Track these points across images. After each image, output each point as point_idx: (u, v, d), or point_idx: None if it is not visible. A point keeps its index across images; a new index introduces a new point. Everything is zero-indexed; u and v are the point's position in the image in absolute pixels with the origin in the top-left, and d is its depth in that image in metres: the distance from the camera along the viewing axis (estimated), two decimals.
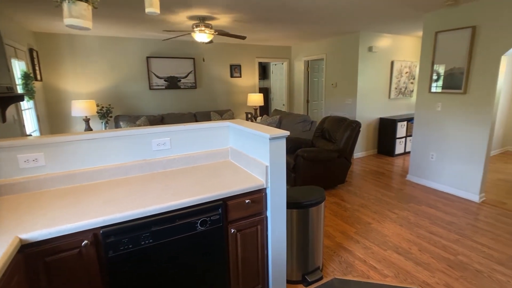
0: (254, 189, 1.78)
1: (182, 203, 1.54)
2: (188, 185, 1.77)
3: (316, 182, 3.83)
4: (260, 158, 1.87)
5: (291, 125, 4.80)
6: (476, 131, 3.53)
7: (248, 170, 2.01)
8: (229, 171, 2.03)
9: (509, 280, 2.27)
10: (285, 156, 1.83)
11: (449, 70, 3.68)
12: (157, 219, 1.49)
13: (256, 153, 1.92)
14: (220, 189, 1.69)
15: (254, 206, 1.81)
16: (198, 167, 2.12)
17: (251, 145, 1.97)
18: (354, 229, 3.04)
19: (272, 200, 1.84)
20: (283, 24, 4.32)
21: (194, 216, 1.60)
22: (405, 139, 5.70)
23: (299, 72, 6.82)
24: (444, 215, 3.30)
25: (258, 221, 1.86)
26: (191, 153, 2.17)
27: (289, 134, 1.79)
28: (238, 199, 1.74)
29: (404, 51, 5.84)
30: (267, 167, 1.78)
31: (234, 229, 1.76)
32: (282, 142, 1.79)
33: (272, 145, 1.75)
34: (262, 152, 1.83)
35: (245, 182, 1.80)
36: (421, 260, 2.52)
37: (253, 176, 1.90)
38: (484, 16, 3.32)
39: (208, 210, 1.65)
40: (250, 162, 1.96)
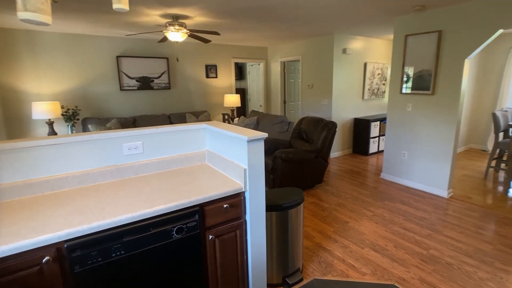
0: (232, 193, 1.73)
1: (156, 210, 1.46)
2: (162, 191, 1.68)
3: (295, 183, 3.84)
4: (238, 161, 1.82)
5: (269, 126, 4.79)
6: (444, 130, 3.70)
7: (225, 173, 1.95)
8: (206, 175, 1.96)
9: (475, 270, 2.39)
10: (263, 158, 1.80)
11: (418, 72, 3.83)
12: (129, 228, 1.39)
13: (233, 155, 1.87)
14: (196, 194, 1.62)
15: (233, 210, 1.76)
16: (173, 172, 2.03)
17: (229, 148, 1.91)
18: (333, 228, 3.07)
19: (251, 204, 1.79)
20: (259, 24, 4.30)
21: (169, 224, 1.53)
22: (378, 138, 5.88)
23: (276, 73, 6.85)
24: (416, 211, 3.42)
25: (237, 226, 1.81)
26: (166, 157, 2.07)
27: (267, 136, 1.75)
28: (215, 204, 1.68)
29: (376, 54, 6.03)
30: (245, 170, 1.73)
31: (212, 236, 1.70)
32: (260, 144, 1.75)
33: (250, 148, 1.71)
34: (240, 154, 1.79)
35: (222, 186, 1.74)
36: (396, 256, 2.59)
37: (231, 180, 1.85)
38: (449, 21, 3.49)
39: (184, 217, 1.57)
40: (227, 165, 1.91)
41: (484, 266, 2.43)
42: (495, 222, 3.15)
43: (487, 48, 5.91)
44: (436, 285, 2.24)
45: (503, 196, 3.82)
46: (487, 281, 2.27)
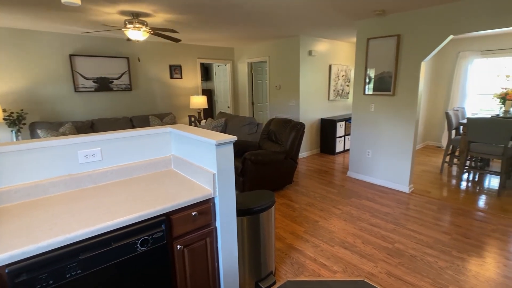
0: (201, 199, 1.65)
1: (117, 223, 1.34)
2: (124, 201, 1.56)
3: (265, 185, 3.82)
4: (206, 165, 1.75)
5: (237, 127, 4.73)
6: (404, 128, 3.90)
7: (193, 179, 1.87)
8: (173, 181, 1.86)
9: (436, 260, 2.52)
10: (233, 162, 1.74)
11: (379, 74, 4.01)
12: (87, 245, 1.26)
13: (201, 160, 1.79)
14: (162, 203, 1.52)
15: (202, 218, 1.68)
16: (136, 179, 1.90)
17: (196, 152, 1.83)
18: (303, 228, 3.09)
19: (221, 210, 1.73)
20: (224, 24, 4.23)
21: (133, 236, 1.41)
22: (344, 138, 6.08)
23: (243, 74, 6.81)
24: (381, 207, 3.56)
25: (207, 234, 1.73)
26: (128, 163, 1.94)
27: (236, 139, 1.70)
28: (183, 212, 1.60)
29: (340, 56, 6.23)
30: (214, 175, 1.67)
31: (180, 245, 1.61)
32: (229, 147, 1.69)
33: (219, 152, 1.65)
34: (208, 159, 1.71)
35: (190, 193, 1.66)
36: (365, 252, 2.66)
37: (200, 186, 1.77)
38: (406, 26, 3.68)
39: (150, 228, 1.47)
40: (195, 171, 1.82)
41: (443, 256, 2.58)
42: (450, 213, 3.37)
43: (439, 52, 6.36)
44: (402, 277, 2.33)
45: (456, 189, 4.11)
46: (446, 269, 2.41)
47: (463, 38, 5.89)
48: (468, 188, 4.11)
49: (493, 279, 2.29)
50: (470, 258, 2.54)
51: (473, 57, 5.79)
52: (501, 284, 2.23)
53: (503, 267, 2.43)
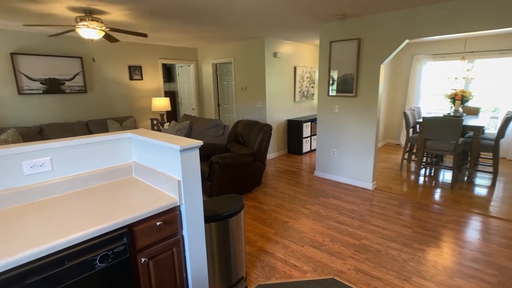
0: (166, 208, 1.56)
1: (71, 239, 1.21)
2: (79, 214, 1.42)
3: (233, 188, 3.76)
4: (170, 172, 1.66)
5: (203, 130, 4.62)
6: (366, 128, 4.06)
7: (157, 187, 1.76)
8: (134, 190, 1.74)
9: (399, 253, 2.64)
10: (199, 168, 1.67)
11: (342, 76, 4.14)
12: (34, 267, 1.13)
13: (165, 167, 1.69)
14: (123, 214, 1.41)
15: (168, 227, 1.59)
16: (94, 190, 1.75)
17: (159, 159, 1.73)
18: (273, 230, 3.08)
19: (188, 218, 1.65)
20: (186, 24, 4.11)
21: (90, 253, 1.29)
22: (310, 138, 6.20)
23: (208, 75, 6.69)
24: (348, 204, 3.67)
25: (173, 243, 1.64)
26: (83, 173, 1.78)
27: (202, 144, 1.63)
28: (147, 223, 1.49)
29: (305, 58, 6.35)
30: (179, 182, 1.58)
31: (144, 258, 1.51)
32: (195, 153, 1.61)
33: (184, 158, 1.57)
34: (173, 165, 1.62)
35: (154, 202, 1.56)
36: (333, 250, 2.71)
37: (164, 194, 1.67)
38: (366, 30, 3.84)
39: (110, 242, 1.35)
40: (159, 178, 1.72)
41: (405, 249, 2.71)
42: (411, 207, 3.56)
43: (396, 55, 6.74)
44: (369, 272, 2.40)
45: (415, 183, 4.37)
46: (409, 261, 2.53)
47: (417, 42, 6.30)
48: (425, 183, 4.39)
49: (450, 267, 2.44)
50: (429, 249, 2.69)
51: (426, 60, 6.23)
52: (457, 271, 2.39)
53: (458, 255, 2.60)
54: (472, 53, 5.65)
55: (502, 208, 3.48)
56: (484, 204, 3.59)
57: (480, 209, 3.47)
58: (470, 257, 2.57)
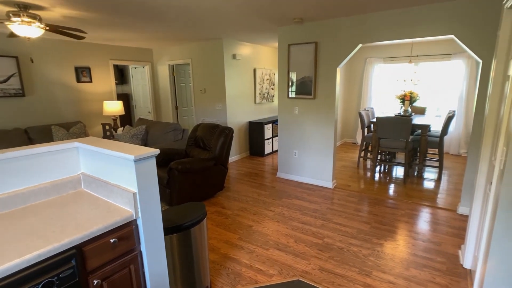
0: (121, 223, 1.43)
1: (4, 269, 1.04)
2: (15, 238, 1.23)
3: (195, 194, 3.63)
4: (125, 184, 1.52)
5: (161, 135, 4.40)
6: (325, 129, 4.18)
7: (110, 200, 1.61)
8: (84, 205, 1.57)
9: (360, 249, 2.74)
10: (156, 178, 1.55)
11: (301, 78, 4.22)
12: None
13: (119, 178, 1.55)
14: (70, 234, 1.25)
15: (123, 243, 1.45)
16: (34, 207, 1.55)
17: (112, 169, 1.58)
18: (237, 235, 3.02)
19: (145, 231, 1.53)
20: (139, 24, 3.88)
21: (30, 282, 1.13)
22: (272, 139, 6.25)
23: (164, 77, 6.42)
24: (310, 204, 3.74)
25: (130, 260, 1.51)
26: (20, 189, 1.56)
27: (158, 152, 1.51)
28: (99, 241, 1.35)
29: (264, 60, 6.39)
30: (135, 194, 1.46)
31: (97, 280, 1.36)
32: (151, 162, 1.50)
33: (139, 168, 1.44)
34: (127, 176, 1.49)
35: (107, 217, 1.42)
36: (298, 251, 2.72)
37: (118, 207, 1.53)
38: (323, 34, 3.95)
39: (54, 267, 1.20)
40: (112, 191, 1.57)
41: (365, 244, 2.82)
42: (368, 203, 3.73)
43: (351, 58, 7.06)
44: (333, 270, 2.45)
45: (371, 180, 4.60)
46: (369, 256, 2.63)
47: (369, 46, 6.68)
48: (381, 179, 4.64)
49: (406, 258, 2.59)
50: (387, 243, 2.83)
51: (377, 63, 6.63)
52: (412, 262, 2.54)
53: (412, 246, 2.77)
54: (417, 56, 6.14)
55: (447, 200, 3.79)
56: (432, 197, 3.89)
57: (429, 201, 3.75)
58: (423, 248, 2.74)
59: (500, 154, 1.66)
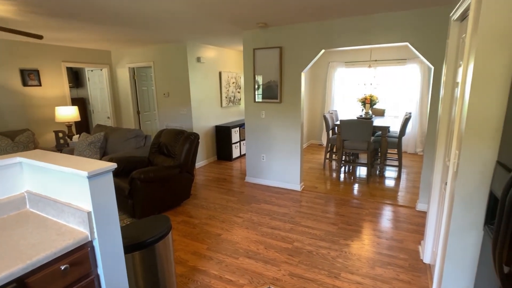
0: (73, 247, 1.29)
1: None
2: None
3: (159, 204, 3.46)
4: (78, 202, 1.38)
5: (121, 142, 4.15)
6: (292, 132, 4.22)
7: (61, 221, 1.45)
8: (29, 228, 1.39)
9: (328, 251, 2.78)
10: (114, 194, 1.42)
11: (267, 82, 4.22)
12: None
13: (71, 196, 1.40)
14: (10, 265, 1.09)
15: (77, 269, 1.31)
16: None
17: (63, 186, 1.42)
18: (206, 245, 2.92)
19: (103, 253, 1.39)
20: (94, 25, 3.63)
21: None
22: (240, 143, 6.19)
23: (124, 80, 6.09)
24: (279, 208, 3.73)
25: (85, 287, 1.36)
26: None
27: (116, 167, 1.39)
28: (47, 269, 1.20)
29: (230, 63, 6.32)
30: (89, 213, 1.32)
31: None
32: (107, 177, 1.37)
33: (94, 184, 1.31)
34: (80, 194, 1.35)
35: (57, 241, 1.27)
36: (268, 258, 2.69)
37: (71, 229, 1.38)
38: (287, 39, 3.99)
39: None
40: (63, 210, 1.42)
41: (334, 246, 2.87)
42: (335, 204, 3.82)
43: (315, 62, 7.25)
44: (303, 275, 2.45)
45: (337, 181, 4.72)
46: (337, 258, 2.68)
47: (332, 50, 6.89)
48: (346, 179, 4.79)
49: (371, 258, 2.67)
50: (353, 243, 2.90)
51: (339, 67, 6.86)
52: (377, 260, 2.62)
53: (377, 245, 2.87)
54: (376, 61, 6.45)
55: (406, 197, 4.00)
56: (393, 195, 4.08)
57: (390, 199, 3.93)
58: (387, 246, 2.85)
59: (453, 157, 1.76)
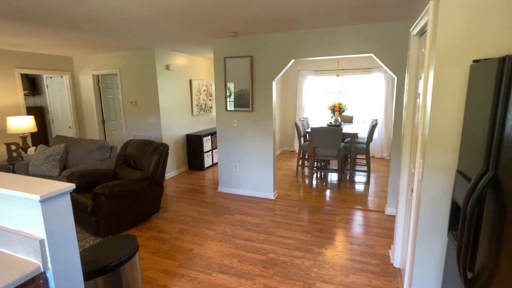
0: (22, 280, 1.15)
1: None
2: None
3: (126, 220, 3.27)
4: (28, 229, 1.24)
5: (84, 154, 3.90)
6: (264, 140, 4.21)
7: (8, 250, 1.30)
8: None
9: (303, 261, 2.77)
10: (72, 217, 1.30)
11: (238, 91, 4.19)
12: None
13: (20, 222, 1.26)
14: None
15: None
16: None
17: (10, 212, 1.28)
18: (177, 262, 2.79)
19: (58, 284, 1.26)
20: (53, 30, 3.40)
21: None
22: (212, 152, 6.08)
23: (88, 88, 5.77)
24: (253, 218, 3.68)
25: None
26: None
27: (74, 188, 1.27)
28: None
29: (200, 71, 6.22)
30: (42, 241, 1.19)
31: None
32: (64, 200, 1.25)
33: (48, 209, 1.19)
34: (32, 220, 1.22)
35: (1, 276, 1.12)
36: (242, 271, 2.62)
37: (19, 259, 1.24)
38: (258, 49, 4.00)
39: None
40: (10, 239, 1.27)
41: (308, 255, 2.86)
42: (308, 212, 3.84)
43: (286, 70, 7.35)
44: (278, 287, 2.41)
45: (309, 188, 4.77)
46: (312, 267, 2.67)
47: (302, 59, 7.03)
48: (318, 186, 4.85)
49: (345, 265, 2.69)
50: (327, 251, 2.92)
51: (309, 75, 7.01)
52: (351, 267, 2.65)
53: (350, 252, 2.91)
54: (343, 70, 6.67)
55: (376, 202, 4.13)
56: (363, 200, 4.19)
57: (361, 205, 4.02)
58: (359, 252, 2.90)
59: (418, 166, 1.83)
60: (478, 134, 1.24)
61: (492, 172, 1.09)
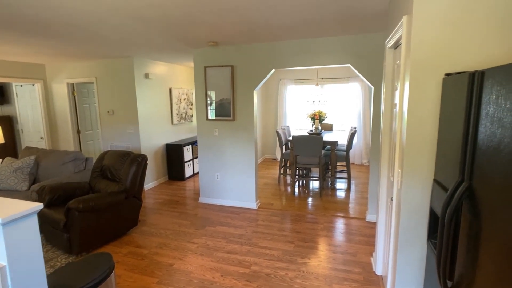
0: None
1: None
2: None
3: (101, 236, 3.11)
4: None
5: (57, 166, 3.71)
6: (246, 149, 4.18)
7: None
8: None
9: (286, 272, 2.73)
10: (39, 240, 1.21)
11: (219, 100, 4.15)
12: None
13: None
14: None
15: None
16: None
17: None
18: (156, 278, 2.67)
19: None
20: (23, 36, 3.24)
21: None
22: (192, 161, 5.97)
23: (62, 97, 5.54)
24: (235, 229, 3.62)
25: None
26: None
27: (41, 208, 1.18)
28: None
29: (180, 79, 6.14)
30: (3, 268, 1.09)
31: None
32: (31, 221, 1.16)
33: (11, 233, 1.09)
34: None
35: None
36: (225, 286, 2.55)
37: None
38: (239, 58, 4.00)
39: None
40: None
41: (291, 266, 2.83)
42: (291, 221, 3.82)
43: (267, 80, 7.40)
44: None
45: (292, 196, 4.77)
46: (295, 279, 2.64)
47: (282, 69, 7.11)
48: (300, 194, 4.86)
49: (328, 275, 2.68)
50: (310, 261, 2.90)
51: (289, 84, 7.09)
52: (334, 277, 2.64)
53: (333, 260, 2.90)
54: (322, 79, 6.80)
55: (356, 209, 4.18)
56: (344, 207, 4.23)
57: (342, 212, 4.06)
58: (342, 261, 2.90)
59: (397, 175, 1.86)
60: (453, 145, 1.28)
61: (467, 183, 1.11)
